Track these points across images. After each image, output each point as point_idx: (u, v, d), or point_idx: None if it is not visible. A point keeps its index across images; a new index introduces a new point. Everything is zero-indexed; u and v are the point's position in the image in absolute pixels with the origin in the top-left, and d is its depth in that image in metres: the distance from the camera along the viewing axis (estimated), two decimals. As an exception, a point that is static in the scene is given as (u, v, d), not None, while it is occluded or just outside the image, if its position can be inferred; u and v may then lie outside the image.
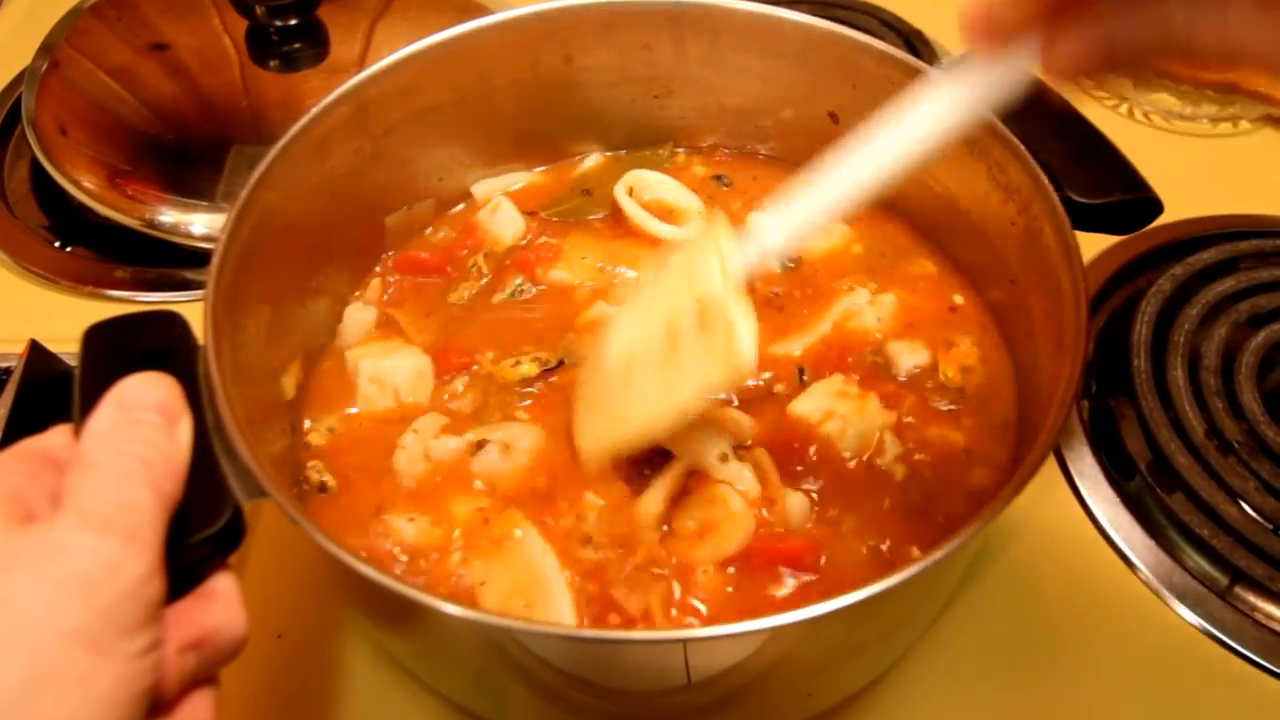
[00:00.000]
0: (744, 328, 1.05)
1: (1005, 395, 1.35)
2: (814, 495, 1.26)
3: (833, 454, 1.28)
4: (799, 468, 1.27)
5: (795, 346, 1.39)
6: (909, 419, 1.33)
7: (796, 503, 1.24)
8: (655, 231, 1.50)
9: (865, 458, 1.29)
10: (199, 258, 1.68)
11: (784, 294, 1.45)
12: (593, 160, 1.61)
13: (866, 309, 1.41)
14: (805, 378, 1.35)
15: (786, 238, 1.08)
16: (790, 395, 1.33)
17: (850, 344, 1.39)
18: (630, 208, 1.51)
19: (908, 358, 1.37)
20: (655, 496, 1.22)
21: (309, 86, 1.84)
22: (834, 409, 1.29)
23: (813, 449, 1.28)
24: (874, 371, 1.37)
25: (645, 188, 1.55)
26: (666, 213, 1.53)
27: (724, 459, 1.24)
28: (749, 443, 1.28)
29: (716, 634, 0.95)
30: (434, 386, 1.37)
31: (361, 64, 1.81)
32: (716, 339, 1.06)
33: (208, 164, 1.74)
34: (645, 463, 1.25)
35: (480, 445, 1.29)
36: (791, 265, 1.47)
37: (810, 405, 1.30)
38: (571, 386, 1.32)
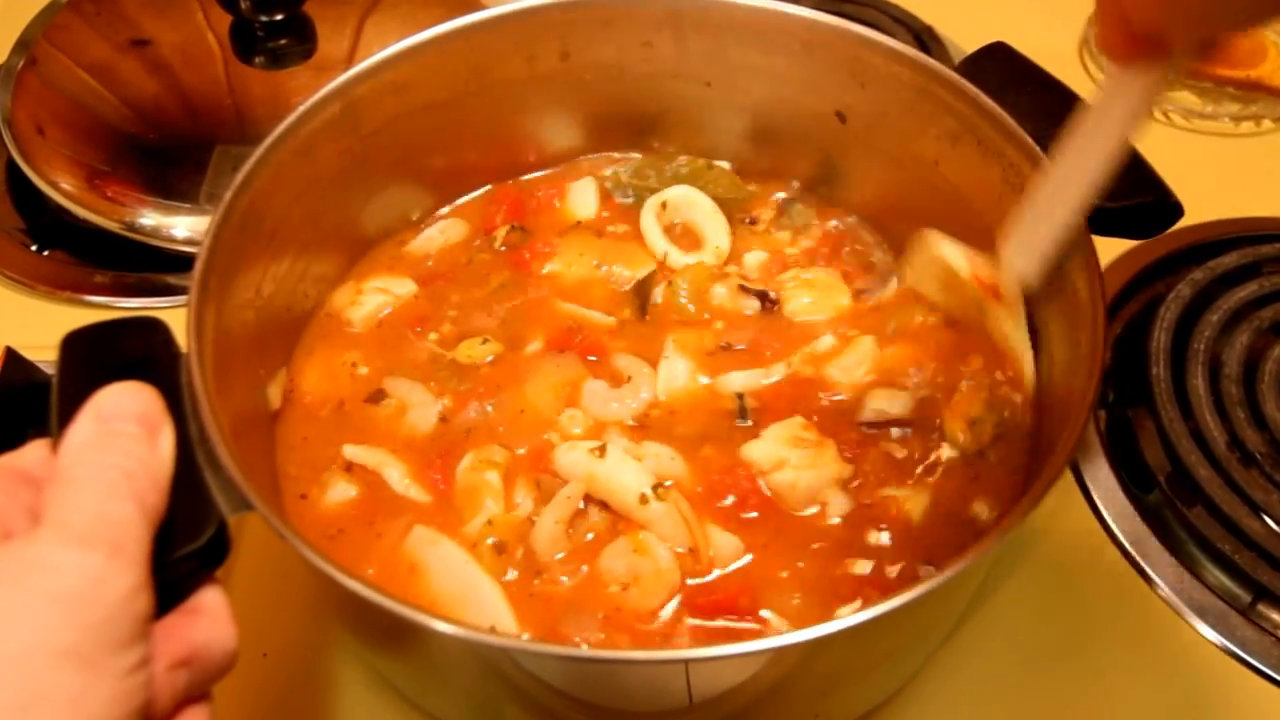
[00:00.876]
0: None
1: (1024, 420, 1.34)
2: (752, 540, 1.25)
3: (779, 505, 1.27)
4: (744, 514, 1.27)
5: (753, 379, 1.38)
6: (857, 483, 1.29)
7: (727, 543, 1.23)
8: (656, 254, 1.51)
9: (811, 511, 1.28)
10: (181, 262, 1.68)
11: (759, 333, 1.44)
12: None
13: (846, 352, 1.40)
14: (748, 415, 1.34)
15: (1034, 261, 1.18)
16: (747, 435, 1.32)
17: (817, 383, 1.38)
18: (648, 227, 1.52)
19: (883, 403, 1.34)
20: (546, 524, 1.23)
21: (295, 84, 1.85)
22: (786, 457, 1.28)
23: (759, 494, 1.28)
24: (834, 415, 1.35)
25: (681, 209, 1.55)
26: (690, 236, 1.54)
27: (643, 500, 1.23)
28: (669, 482, 1.27)
29: (720, 654, 0.95)
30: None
31: (350, 61, 1.81)
32: None
33: (190, 164, 1.74)
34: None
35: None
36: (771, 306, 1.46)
37: (762, 451, 1.29)
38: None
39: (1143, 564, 1.39)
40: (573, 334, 1.42)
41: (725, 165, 1.60)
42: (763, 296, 1.44)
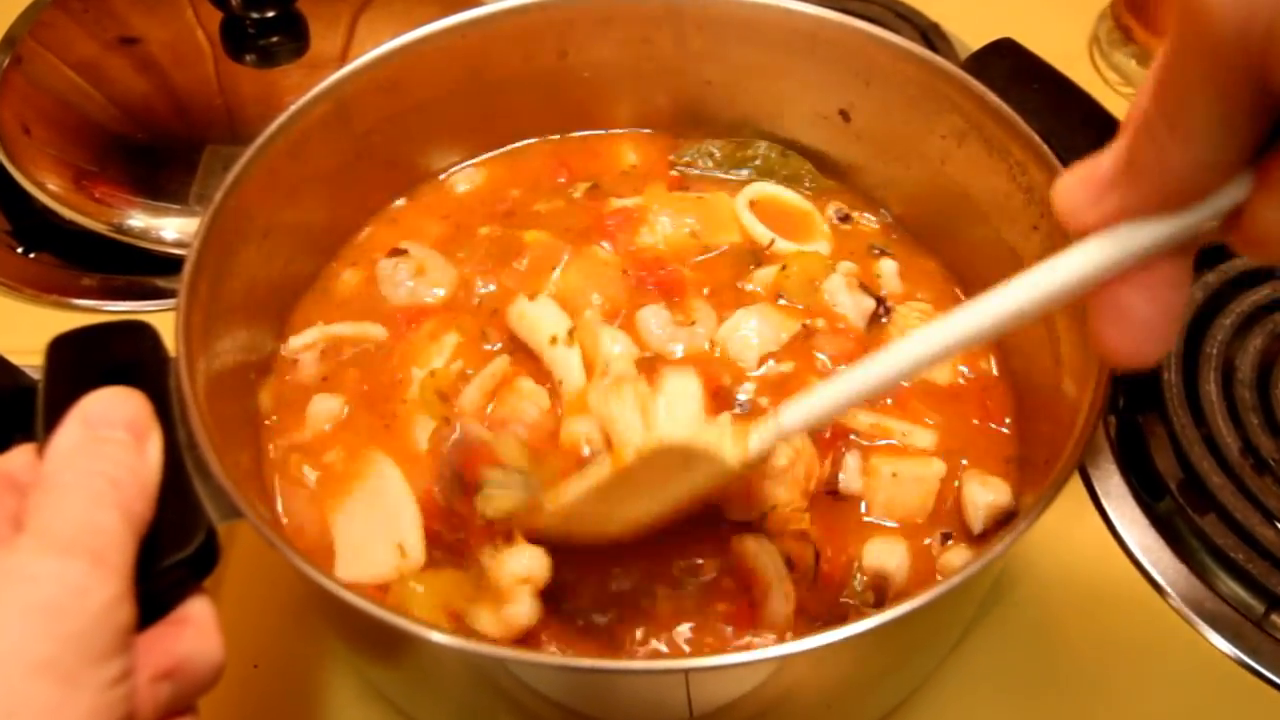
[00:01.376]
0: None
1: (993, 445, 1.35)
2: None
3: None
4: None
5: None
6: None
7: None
8: (761, 240, 1.50)
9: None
10: (170, 264, 1.68)
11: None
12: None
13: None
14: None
15: (802, 420, 1.02)
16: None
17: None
18: (748, 221, 1.51)
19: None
20: (471, 391, 1.31)
21: (287, 83, 1.85)
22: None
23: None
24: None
25: (768, 196, 1.55)
26: (786, 219, 1.53)
27: (552, 341, 1.32)
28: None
29: (720, 664, 0.95)
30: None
31: (343, 59, 1.80)
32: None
33: (180, 165, 1.75)
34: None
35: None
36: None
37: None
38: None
39: (1154, 573, 1.38)
40: (658, 265, 1.44)
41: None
42: (879, 301, 1.43)
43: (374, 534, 1.22)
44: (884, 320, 1.42)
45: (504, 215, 1.52)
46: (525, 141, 1.61)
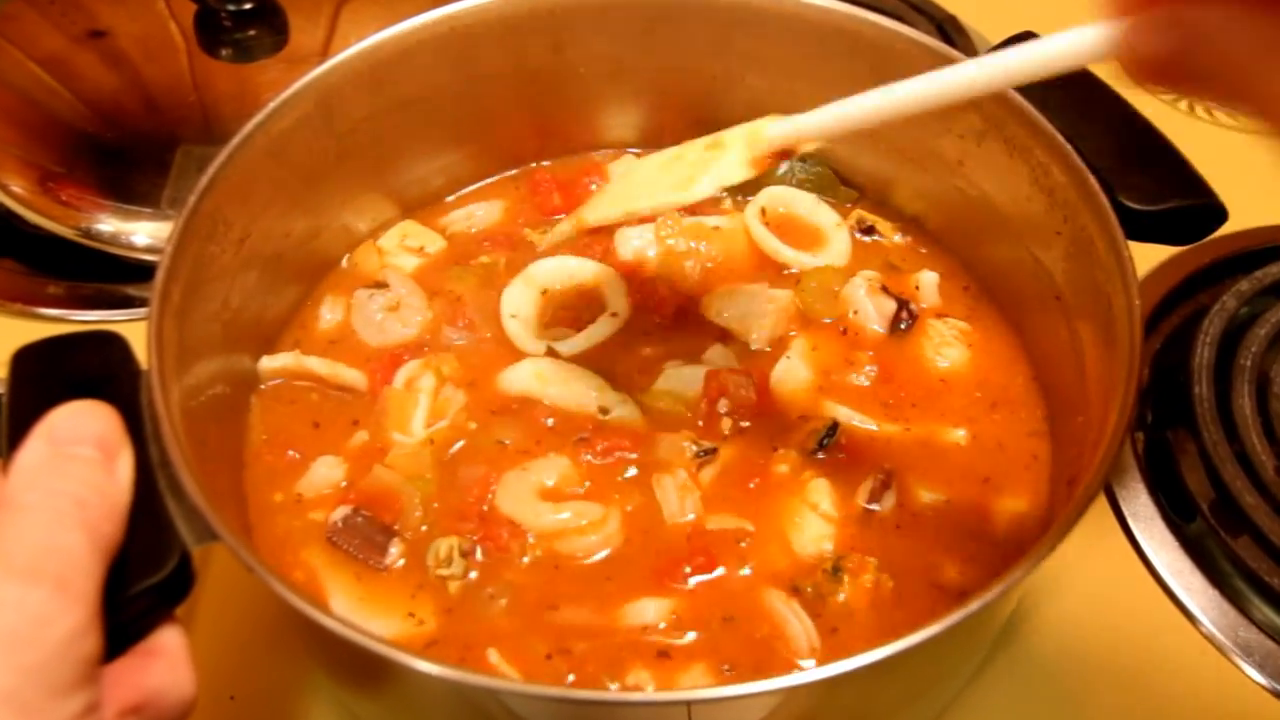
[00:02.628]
0: (734, 157, 1.19)
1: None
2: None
3: None
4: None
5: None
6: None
7: None
8: (785, 259, 1.52)
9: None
10: (142, 271, 1.68)
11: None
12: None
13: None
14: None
15: (814, 125, 1.15)
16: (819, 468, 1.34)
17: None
18: (759, 232, 1.53)
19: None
20: None
21: (266, 78, 1.85)
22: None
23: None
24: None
25: (780, 204, 1.57)
26: (800, 231, 1.55)
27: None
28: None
29: (723, 695, 0.95)
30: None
31: (325, 54, 1.82)
32: (710, 157, 1.21)
33: (152, 166, 1.75)
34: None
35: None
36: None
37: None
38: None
39: (1183, 599, 1.38)
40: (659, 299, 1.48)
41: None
42: (902, 305, 1.44)
43: None
44: (904, 326, 1.44)
45: (503, 247, 1.54)
46: (524, 167, 1.64)
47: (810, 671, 0.93)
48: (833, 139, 1.27)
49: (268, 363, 1.39)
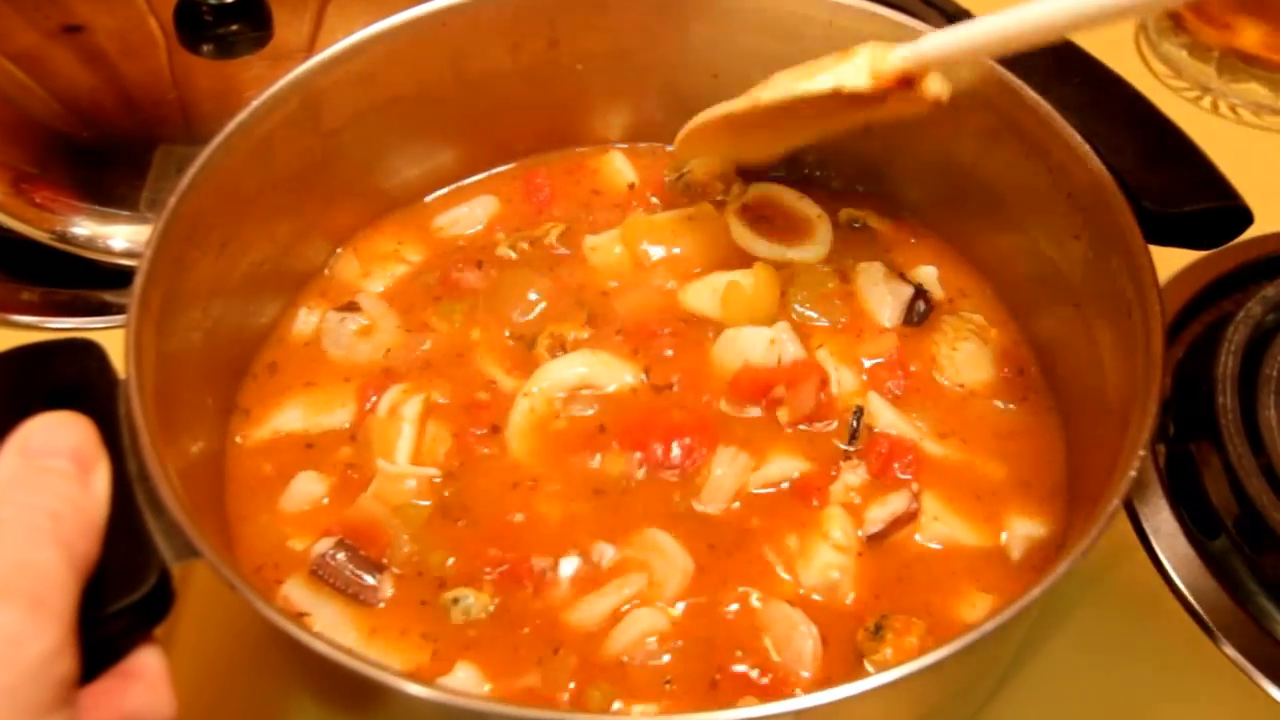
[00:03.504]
0: (860, 62, 1.23)
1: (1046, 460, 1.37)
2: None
3: None
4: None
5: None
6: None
7: None
8: (761, 255, 1.51)
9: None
10: (120, 277, 1.66)
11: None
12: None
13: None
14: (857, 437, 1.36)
15: (939, 50, 1.19)
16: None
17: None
18: (738, 232, 1.53)
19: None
20: None
21: (249, 75, 1.84)
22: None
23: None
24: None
25: (765, 202, 1.57)
26: (785, 221, 1.55)
27: None
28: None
29: (731, 718, 0.95)
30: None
31: (311, 49, 1.82)
32: (836, 59, 1.25)
33: (130, 167, 1.74)
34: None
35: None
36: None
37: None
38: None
39: (1207, 618, 1.38)
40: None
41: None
42: (920, 294, 1.45)
43: None
44: (920, 315, 1.45)
45: (477, 258, 1.54)
46: (508, 165, 1.64)
47: (821, 694, 0.93)
48: (961, 63, 1.26)
49: (250, 436, 1.39)
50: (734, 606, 1.23)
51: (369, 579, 1.24)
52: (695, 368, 1.41)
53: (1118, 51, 1.80)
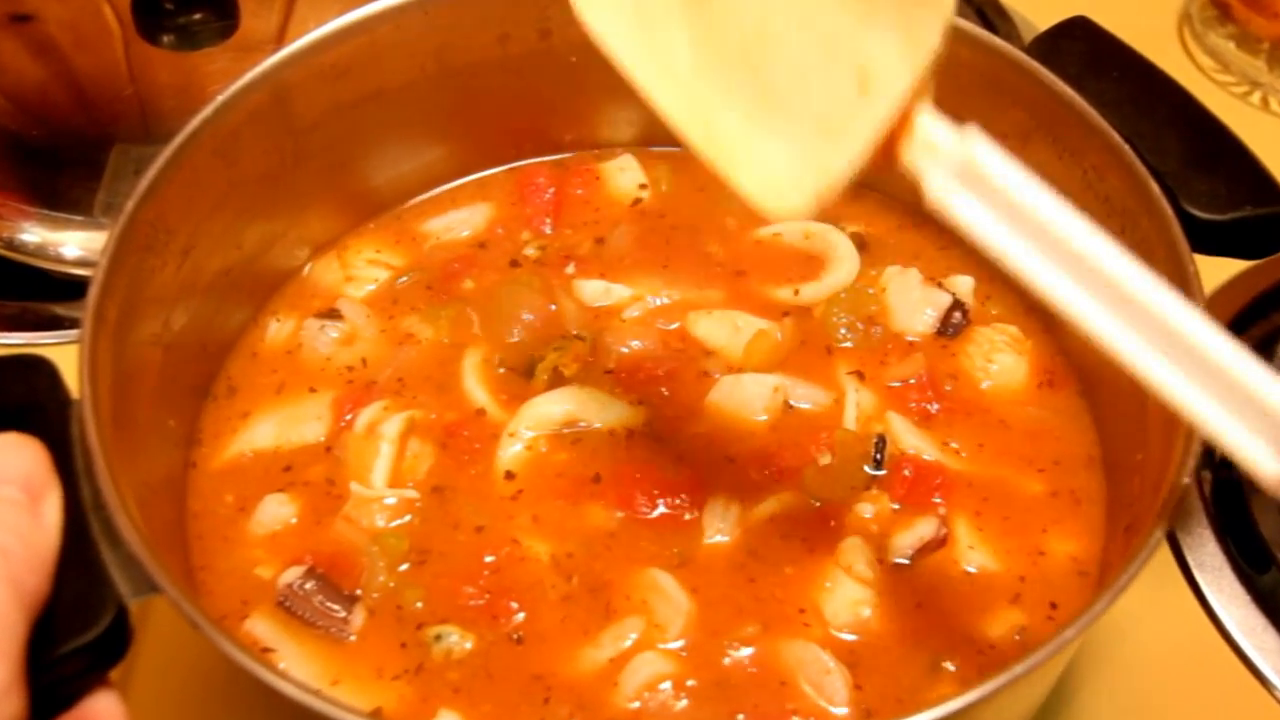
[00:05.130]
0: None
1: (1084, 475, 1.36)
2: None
3: None
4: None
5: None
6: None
7: None
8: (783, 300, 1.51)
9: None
10: (73, 288, 1.68)
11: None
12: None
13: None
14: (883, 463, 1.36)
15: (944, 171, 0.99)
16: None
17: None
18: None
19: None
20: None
21: (213, 69, 1.84)
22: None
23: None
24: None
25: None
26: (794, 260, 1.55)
27: None
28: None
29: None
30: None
31: (280, 41, 1.82)
32: None
33: (83, 168, 1.75)
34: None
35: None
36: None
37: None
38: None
39: (1255, 659, 1.38)
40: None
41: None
42: (957, 306, 1.45)
43: None
44: (955, 327, 1.45)
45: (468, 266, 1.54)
46: (502, 168, 1.64)
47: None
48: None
49: (213, 462, 1.38)
50: (747, 651, 1.23)
51: (340, 611, 1.24)
52: (691, 409, 1.41)
53: (1159, 43, 1.80)
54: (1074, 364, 1.43)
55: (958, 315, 1.44)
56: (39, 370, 1.04)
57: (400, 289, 1.52)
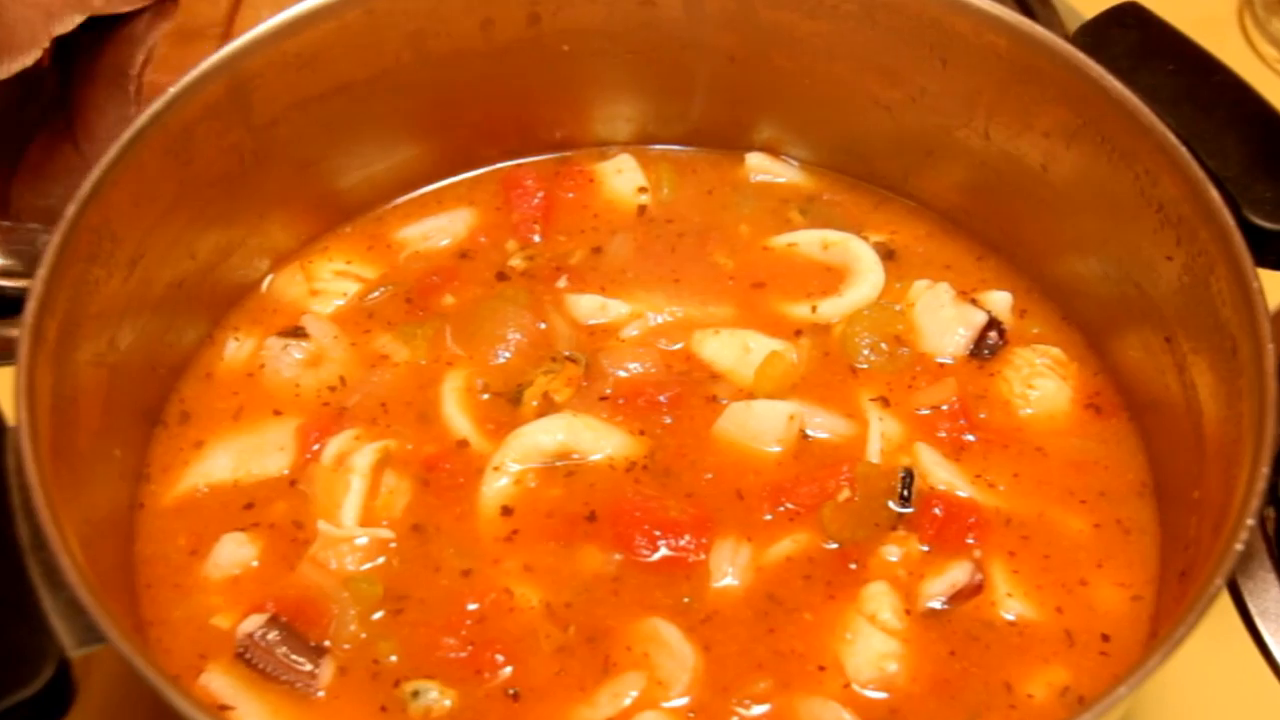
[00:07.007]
0: None
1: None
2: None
3: None
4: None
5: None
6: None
7: None
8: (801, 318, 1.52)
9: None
10: (6, 304, 1.68)
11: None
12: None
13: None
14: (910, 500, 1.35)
15: None
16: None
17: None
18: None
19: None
20: None
21: (154, 57, 1.84)
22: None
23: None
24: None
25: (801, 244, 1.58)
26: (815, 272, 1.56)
27: None
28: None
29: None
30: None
31: (228, 27, 1.81)
32: None
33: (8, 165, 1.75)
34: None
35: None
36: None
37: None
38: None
39: (1326, 719, 1.39)
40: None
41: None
42: (993, 325, 1.46)
43: None
44: (991, 348, 1.45)
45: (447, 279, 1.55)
46: (486, 169, 1.64)
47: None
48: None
49: (160, 494, 1.39)
50: (760, 709, 1.23)
51: (305, 664, 1.24)
52: (697, 438, 1.42)
53: (1218, 31, 1.81)
54: (1122, 384, 1.43)
55: (993, 335, 1.44)
56: (-32, 396, 1.04)
57: (372, 304, 1.52)
